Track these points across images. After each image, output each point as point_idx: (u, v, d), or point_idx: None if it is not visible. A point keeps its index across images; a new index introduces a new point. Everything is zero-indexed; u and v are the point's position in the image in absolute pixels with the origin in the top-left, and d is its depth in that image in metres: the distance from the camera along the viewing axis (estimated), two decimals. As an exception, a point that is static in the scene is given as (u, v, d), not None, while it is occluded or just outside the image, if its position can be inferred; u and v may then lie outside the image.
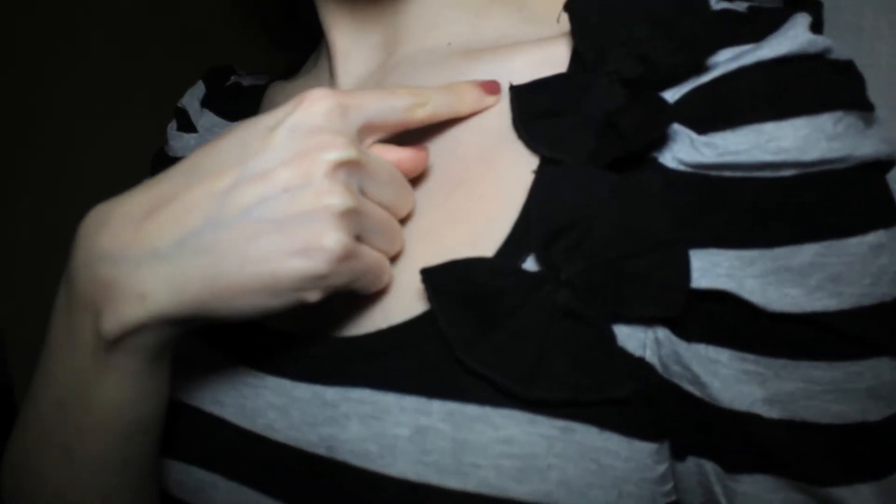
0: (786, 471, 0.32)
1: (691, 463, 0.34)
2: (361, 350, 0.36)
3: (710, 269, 0.32)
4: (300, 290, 0.32)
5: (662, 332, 0.33)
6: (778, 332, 0.31)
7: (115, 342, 0.33)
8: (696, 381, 0.33)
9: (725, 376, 0.32)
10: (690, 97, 0.33)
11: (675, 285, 0.32)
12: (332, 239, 0.31)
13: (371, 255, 0.34)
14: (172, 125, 0.57)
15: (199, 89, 0.57)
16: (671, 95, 0.34)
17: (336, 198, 0.31)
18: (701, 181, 0.32)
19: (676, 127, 0.33)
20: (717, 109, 0.32)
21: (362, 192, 0.34)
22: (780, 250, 0.31)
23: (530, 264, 0.34)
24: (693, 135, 0.32)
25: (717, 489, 0.34)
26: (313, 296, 0.32)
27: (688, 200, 0.32)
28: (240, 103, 0.54)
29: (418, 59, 0.43)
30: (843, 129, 0.31)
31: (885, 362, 0.31)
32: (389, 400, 0.34)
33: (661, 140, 0.33)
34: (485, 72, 0.40)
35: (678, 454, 0.35)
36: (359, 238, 0.34)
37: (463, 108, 0.38)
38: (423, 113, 0.37)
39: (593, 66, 0.36)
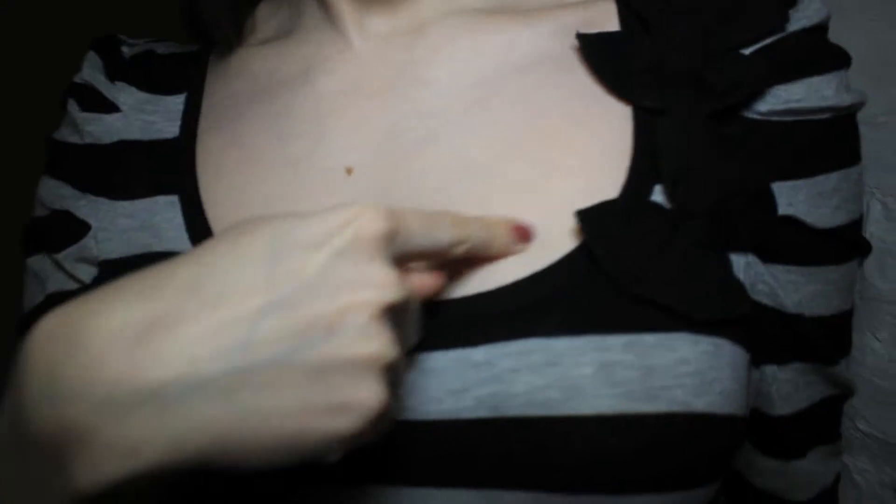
0: (811, 357, 0.41)
1: (759, 369, 0.41)
2: (508, 303, 0.35)
3: (777, 199, 0.39)
4: (323, 453, 0.26)
5: (752, 258, 0.39)
6: (813, 245, 0.39)
7: (94, 500, 0.25)
8: (772, 294, 0.39)
9: (785, 286, 0.39)
10: (758, 55, 0.39)
11: (768, 217, 0.39)
12: (375, 394, 0.26)
13: (393, 406, 0.28)
14: (73, 106, 0.48)
15: (95, 61, 0.50)
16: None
17: (385, 347, 0.26)
18: (770, 126, 0.39)
19: None
20: (780, 66, 0.39)
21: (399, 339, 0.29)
22: (816, 178, 0.39)
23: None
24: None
25: (773, 389, 0.41)
26: (335, 456, 0.26)
27: (762, 143, 0.39)
28: (167, 74, 0.49)
29: (453, 22, 0.43)
30: (846, 81, 0.40)
31: (855, 262, 0.41)
32: (562, 344, 0.33)
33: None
34: (532, 33, 0.42)
35: (755, 363, 0.40)
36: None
37: (492, 251, 0.36)
38: (460, 250, 0.34)
39: (656, 23, 0.40)
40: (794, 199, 0.39)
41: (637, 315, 0.34)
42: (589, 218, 0.36)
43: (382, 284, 0.27)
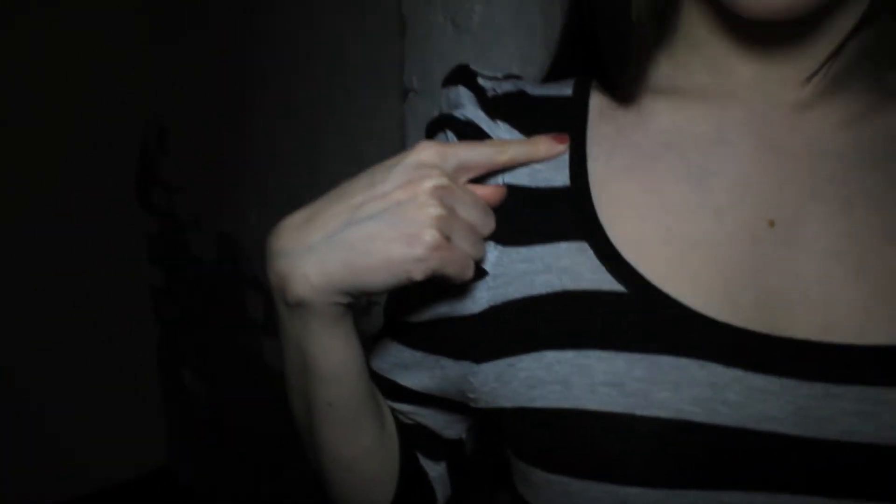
0: None
1: None
2: None
3: None
4: (407, 270, 0.46)
5: None
6: None
7: (297, 310, 0.49)
8: None
9: None
10: None
11: None
12: (429, 234, 0.45)
13: (457, 250, 0.47)
14: (453, 140, 0.55)
15: (470, 97, 0.56)
16: None
17: (432, 208, 0.46)
18: None
19: None
20: None
21: (453, 211, 0.47)
22: None
23: None
24: None
25: None
26: (417, 275, 0.46)
27: None
28: (545, 117, 0.54)
29: (849, 100, 0.49)
30: None
31: None
32: None
33: None
34: None
35: None
36: (448, 239, 0.47)
37: (538, 155, 0.52)
38: (504, 157, 0.51)
39: None
40: None
41: None
42: None
43: (431, 176, 0.47)
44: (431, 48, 1.04)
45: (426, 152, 0.48)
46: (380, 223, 0.46)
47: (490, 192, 0.50)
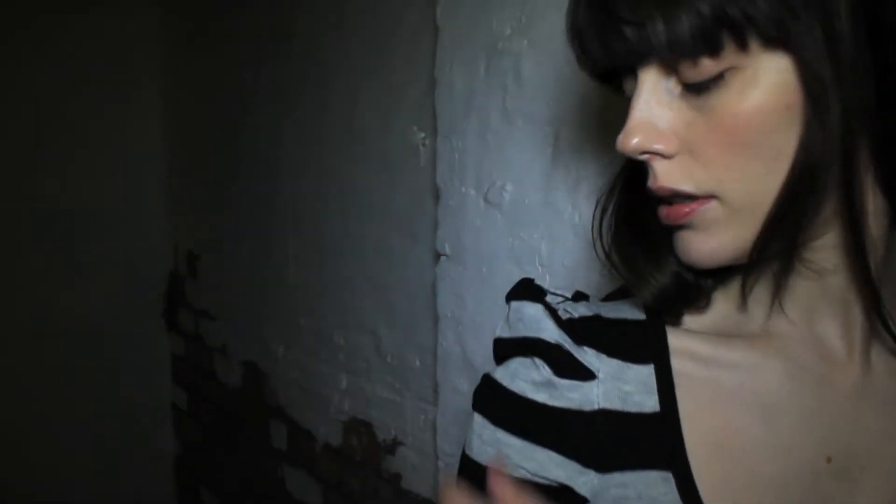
0: None
1: None
2: None
3: None
4: None
5: None
6: None
7: None
8: None
9: None
10: None
11: None
12: None
13: None
14: (544, 367, 0.53)
15: (545, 318, 0.54)
16: None
17: None
18: None
19: None
20: None
21: None
22: None
23: None
24: None
25: None
26: None
27: None
28: (625, 341, 0.55)
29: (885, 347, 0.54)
30: None
31: None
32: None
33: None
34: None
35: None
36: None
37: None
38: None
39: None
40: None
41: None
42: None
43: None
44: (463, 219, 1.11)
45: None
46: None
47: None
